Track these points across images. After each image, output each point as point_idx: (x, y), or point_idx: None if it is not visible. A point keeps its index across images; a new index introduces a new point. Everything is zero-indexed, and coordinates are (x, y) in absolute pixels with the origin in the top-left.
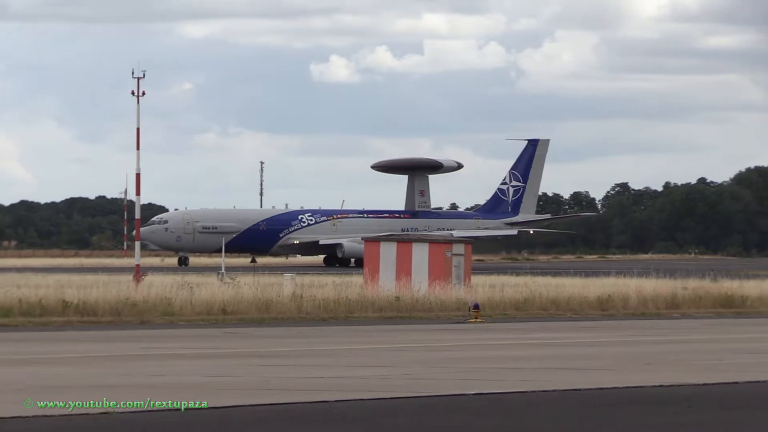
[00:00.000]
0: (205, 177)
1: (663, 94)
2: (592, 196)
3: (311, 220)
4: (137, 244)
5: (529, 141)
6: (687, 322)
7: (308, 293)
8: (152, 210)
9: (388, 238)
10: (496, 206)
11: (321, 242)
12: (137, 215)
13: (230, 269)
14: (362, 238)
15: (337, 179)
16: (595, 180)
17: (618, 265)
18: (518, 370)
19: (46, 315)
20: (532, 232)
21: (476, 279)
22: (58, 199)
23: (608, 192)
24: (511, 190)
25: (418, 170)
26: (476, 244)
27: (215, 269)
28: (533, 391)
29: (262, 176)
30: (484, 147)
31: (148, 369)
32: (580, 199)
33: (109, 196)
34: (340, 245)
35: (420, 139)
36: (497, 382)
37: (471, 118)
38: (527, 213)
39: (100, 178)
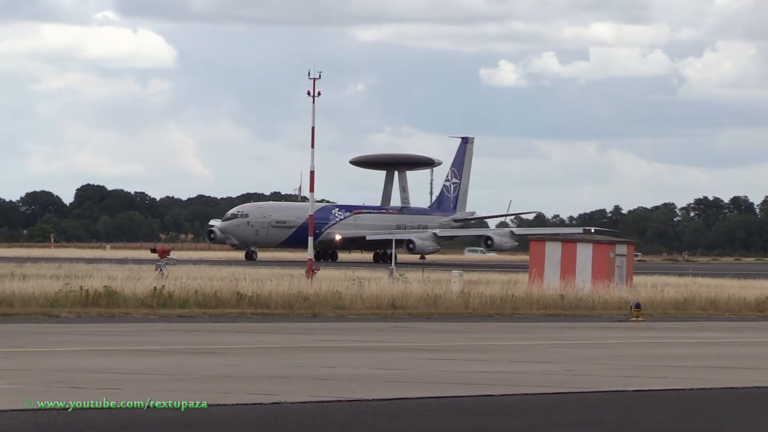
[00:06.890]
0: (377, 175)
1: None
2: (750, 200)
3: (340, 215)
4: (310, 239)
5: (462, 138)
6: None
7: (475, 290)
8: None
9: (553, 238)
10: (442, 203)
11: (368, 238)
12: (311, 211)
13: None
14: (435, 234)
15: (503, 180)
16: (754, 185)
17: None
18: (678, 368)
19: (221, 306)
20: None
21: (638, 279)
22: (234, 194)
23: (767, 197)
24: (452, 186)
25: (406, 166)
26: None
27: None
28: (692, 389)
29: (432, 175)
30: (646, 151)
31: (318, 361)
32: (739, 204)
33: (283, 192)
34: (411, 241)
35: (584, 143)
36: (657, 379)
37: (633, 123)
38: (462, 210)
39: (274, 174)
